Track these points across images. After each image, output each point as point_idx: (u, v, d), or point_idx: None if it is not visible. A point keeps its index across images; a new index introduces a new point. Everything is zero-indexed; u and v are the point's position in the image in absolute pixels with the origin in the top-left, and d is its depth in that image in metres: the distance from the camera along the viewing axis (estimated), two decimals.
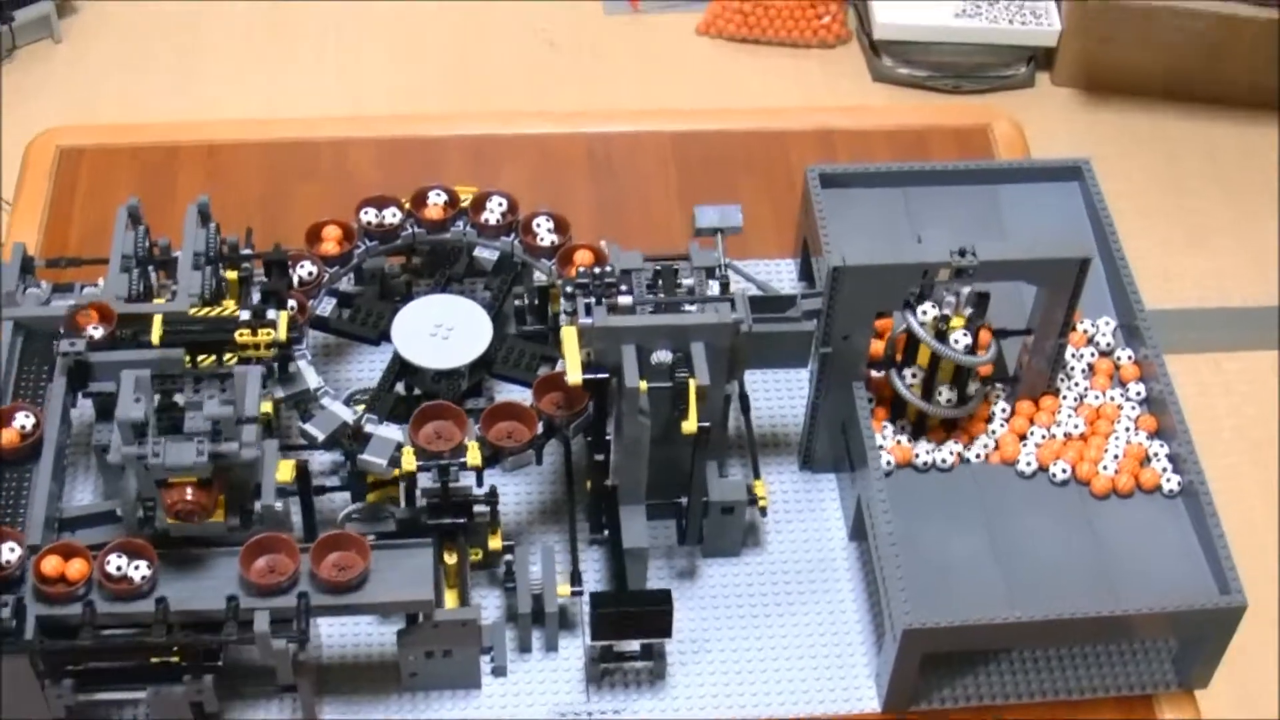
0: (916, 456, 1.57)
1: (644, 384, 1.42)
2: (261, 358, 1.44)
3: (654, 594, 1.46)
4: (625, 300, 1.48)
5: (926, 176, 1.78)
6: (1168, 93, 3.47)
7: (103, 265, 1.57)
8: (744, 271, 1.66)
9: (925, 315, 1.51)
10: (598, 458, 1.52)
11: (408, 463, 1.42)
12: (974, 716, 1.50)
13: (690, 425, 1.43)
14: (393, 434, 1.47)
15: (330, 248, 1.63)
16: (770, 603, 1.57)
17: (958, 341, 1.50)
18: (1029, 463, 1.57)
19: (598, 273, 1.49)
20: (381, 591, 1.38)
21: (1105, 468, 1.57)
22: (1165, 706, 1.52)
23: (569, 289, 1.49)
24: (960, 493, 1.56)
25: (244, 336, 1.44)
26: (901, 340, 1.56)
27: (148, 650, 1.37)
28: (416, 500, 1.46)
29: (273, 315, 1.45)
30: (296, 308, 1.54)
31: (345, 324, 1.63)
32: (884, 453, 1.56)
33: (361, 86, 3.42)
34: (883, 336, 1.59)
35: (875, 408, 1.58)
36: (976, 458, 1.58)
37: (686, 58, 3.56)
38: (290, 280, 1.58)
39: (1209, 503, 1.51)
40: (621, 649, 1.50)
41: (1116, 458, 1.57)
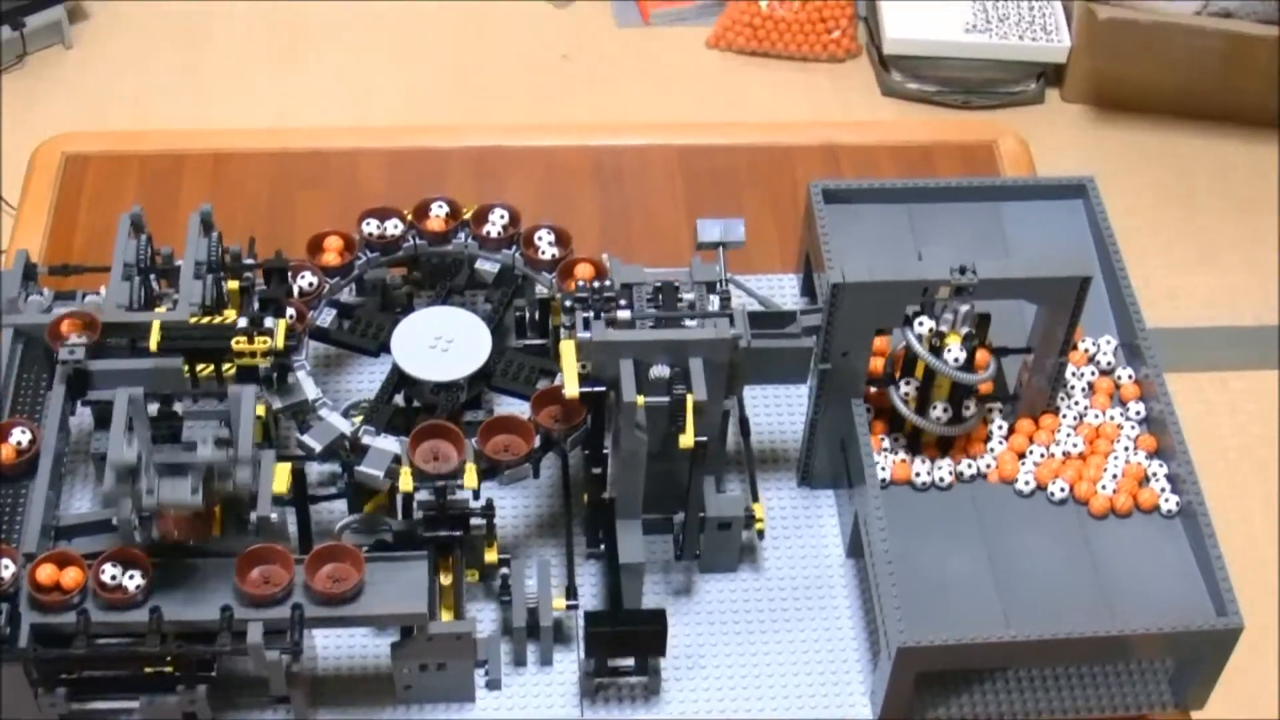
0: (915, 474, 1.57)
1: (641, 399, 1.41)
2: (259, 365, 1.44)
3: (648, 613, 1.46)
4: (624, 315, 1.47)
5: (930, 193, 1.77)
6: (1178, 110, 3.47)
7: (105, 273, 1.57)
8: (745, 286, 1.66)
9: (921, 327, 1.51)
10: (595, 471, 1.51)
11: (404, 484, 1.42)
12: None
13: (687, 440, 1.43)
14: (390, 446, 1.46)
15: (331, 258, 1.63)
16: (766, 618, 1.56)
17: (956, 360, 1.50)
18: (1027, 481, 1.57)
19: (597, 286, 1.49)
20: (376, 604, 1.38)
21: (1104, 487, 1.56)
22: None
23: (568, 303, 1.49)
24: (958, 511, 1.56)
25: (241, 344, 1.43)
26: (901, 357, 1.56)
27: (141, 660, 1.37)
28: (413, 512, 1.46)
29: (270, 323, 1.45)
30: (295, 316, 1.54)
31: (345, 335, 1.63)
32: (882, 470, 1.56)
33: (370, 96, 3.43)
34: (883, 354, 1.59)
35: (874, 423, 1.58)
36: (975, 476, 1.58)
37: (697, 71, 3.56)
38: (289, 288, 1.58)
39: (1207, 523, 1.51)
40: (616, 664, 1.50)
41: (1115, 477, 1.57)
